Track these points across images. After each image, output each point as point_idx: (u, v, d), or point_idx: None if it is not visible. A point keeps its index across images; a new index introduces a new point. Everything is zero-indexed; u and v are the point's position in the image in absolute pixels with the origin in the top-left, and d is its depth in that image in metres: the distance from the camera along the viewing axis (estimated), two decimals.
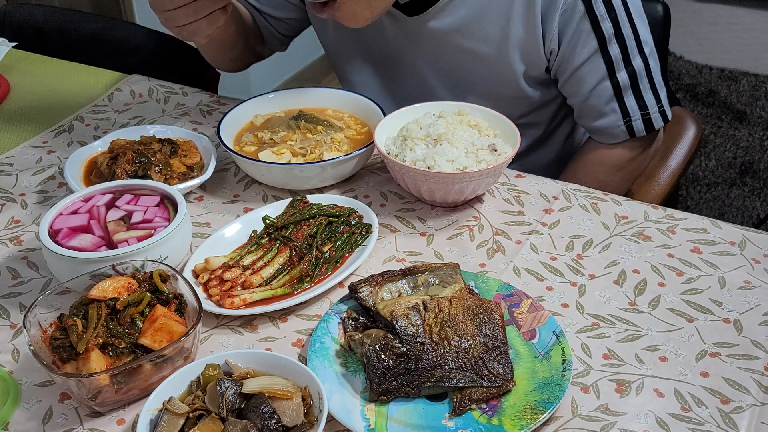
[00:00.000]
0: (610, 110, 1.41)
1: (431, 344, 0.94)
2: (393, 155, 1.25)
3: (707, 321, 1.05)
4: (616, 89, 1.39)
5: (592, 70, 1.38)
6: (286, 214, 1.20)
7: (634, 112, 1.41)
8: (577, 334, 1.04)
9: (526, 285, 1.11)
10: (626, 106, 1.41)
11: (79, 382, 0.89)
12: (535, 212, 1.26)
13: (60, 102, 1.61)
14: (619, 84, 1.38)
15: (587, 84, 1.40)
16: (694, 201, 2.95)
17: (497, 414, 0.91)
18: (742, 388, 0.96)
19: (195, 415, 0.86)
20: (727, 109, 3.38)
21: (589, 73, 1.38)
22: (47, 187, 1.35)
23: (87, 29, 1.97)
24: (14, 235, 1.24)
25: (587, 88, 1.40)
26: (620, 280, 1.12)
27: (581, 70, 1.38)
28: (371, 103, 1.40)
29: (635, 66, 1.38)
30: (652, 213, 1.25)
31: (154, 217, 1.12)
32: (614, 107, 1.41)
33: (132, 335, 0.94)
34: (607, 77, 1.38)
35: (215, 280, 1.09)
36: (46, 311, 0.97)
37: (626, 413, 0.93)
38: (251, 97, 1.45)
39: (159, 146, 1.31)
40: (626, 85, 1.39)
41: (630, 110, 1.41)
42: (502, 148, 1.24)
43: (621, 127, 1.43)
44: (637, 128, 1.42)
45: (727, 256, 1.16)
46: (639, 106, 1.41)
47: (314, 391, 0.88)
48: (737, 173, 3.05)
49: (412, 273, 1.06)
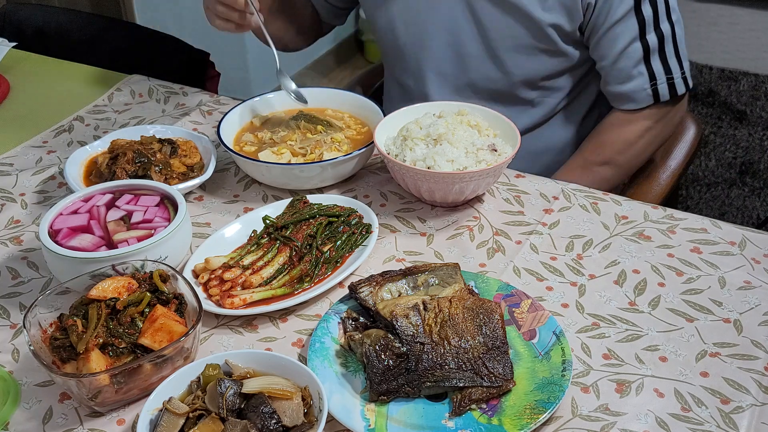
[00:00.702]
0: (637, 73, 1.46)
1: (431, 344, 0.94)
2: (393, 155, 1.25)
3: (707, 321, 1.05)
4: (645, 50, 1.45)
5: (626, 30, 1.43)
6: (286, 214, 1.20)
7: (659, 76, 1.46)
8: (577, 334, 1.04)
9: (526, 285, 1.11)
10: (653, 69, 1.46)
11: (79, 382, 0.89)
12: (535, 212, 1.26)
13: (60, 102, 1.61)
14: (649, 45, 1.44)
15: (619, 43, 1.44)
16: (694, 201, 2.94)
17: (497, 414, 0.91)
18: (742, 388, 0.96)
19: (195, 415, 0.86)
20: (727, 109, 3.38)
21: (622, 32, 1.43)
22: (47, 187, 1.35)
23: (87, 29, 1.97)
24: (14, 235, 1.24)
25: (619, 47, 1.45)
26: (620, 280, 1.12)
27: (615, 28, 1.43)
28: (371, 103, 1.40)
29: (663, 30, 1.44)
30: (652, 213, 1.25)
31: (154, 217, 1.12)
32: (641, 70, 1.46)
33: (132, 335, 0.94)
34: (638, 38, 1.44)
35: (215, 280, 1.09)
36: (46, 311, 0.97)
37: (626, 413, 0.93)
38: (251, 97, 1.44)
39: (159, 146, 1.31)
40: (654, 47, 1.44)
41: (656, 73, 1.46)
42: (502, 148, 1.24)
43: (647, 91, 1.47)
44: (661, 92, 1.47)
45: (727, 256, 1.16)
46: (664, 70, 1.46)
47: (314, 391, 0.88)
48: (737, 173, 3.05)
49: (412, 273, 1.06)
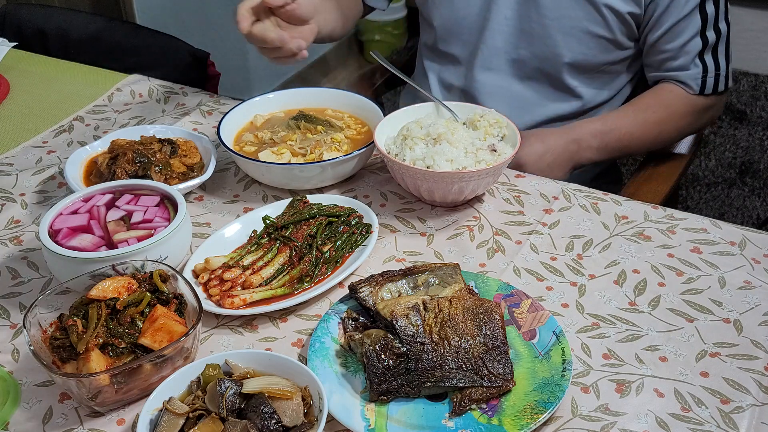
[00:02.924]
0: (693, 65, 1.52)
1: (431, 344, 0.94)
2: (393, 155, 1.25)
3: (707, 321, 1.05)
4: (704, 46, 1.50)
5: (690, 25, 1.49)
6: (286, 214, 1.20)
7: (710, 70, 1.51)
8: (577, 334, 1.04)
9: (526, 285, 1.11)
10: (705, 63, 1.51)
11: (79, 382, 0.89)
12: (535, 212, 1.26)
13: (60, 102, 1.61)
14: (708, 41, 1.49)
15: (683, 37, 1.49)
16: (694, 201, 2.94)
17: (497, 414, 0.91)
18: (742, 388, 0.96)
19: (195, 415, 0.86)
20: (727, 109, 3.38)
21: (686, 27, 1.48)
22: (47, 187, 1.35)
23: (87, 29, 1.97)
24: (14, 235, 1.24)
25: (682, 41, 1.49)
26: (620, 280, 1.12)
27: (681, 23, 1.48)
28: (371, 103, 1.40)
29: (721, 28, 1.49)
30: (652, 213, 1.25)
31: (154, 217, 1.12)
32: (696, 62, 1.51)
33: (132, 335, 0.94)
34: (699, 34, 1.48)
35: (215, 280, 1.09)
36: (46, 311, 0.97)
37: (626, 413, 0.93)
38: (251, 97, 1.45)
39: (159, 146, 1.31)
40: (712, 43, 1.50)
41: (708, 67, 1.51)
42: (501, 148, 1.24)
43: (697, 81, 1.52)
44: (708, 84, 1.52)
45: (727, 256, 1.16)
46: (714, 66, 1.52)
47: (314, 391, 0.88)
48: (737, 173, 3.05)
49: (412, 273, 1.06)
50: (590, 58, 1.54)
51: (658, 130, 1.55)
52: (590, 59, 1.54)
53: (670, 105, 1.54)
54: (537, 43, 1.54)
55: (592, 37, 1.51)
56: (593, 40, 1.51)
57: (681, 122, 1.56)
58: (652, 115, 1.54)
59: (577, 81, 1.57)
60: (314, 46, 1.95)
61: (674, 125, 1.56)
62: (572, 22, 1.50)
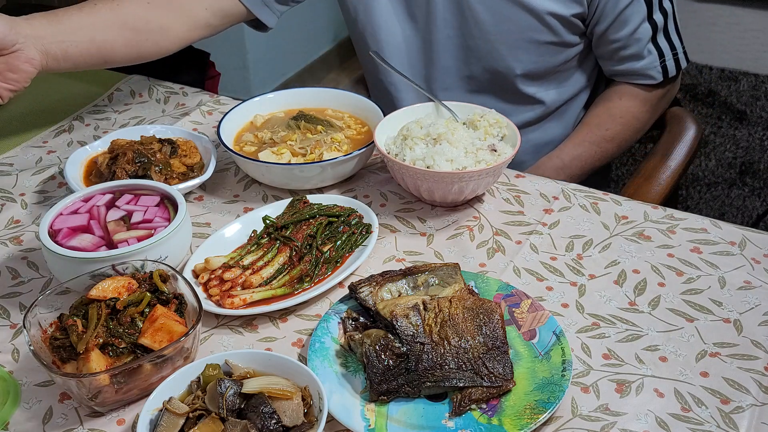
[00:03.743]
0: (647, 52, 1.49)
1: (431, 344, 0.94)
2: (393, 155, 1.25)
3: (707, 321, 1.05)
4: (653, 29, 1.48)
5: (635, 12, 1.46)
6: (286, 214, 1.20)
7: (666, 52, 1.50)
8: (577, 334, 1.04)
9: (526, 285, 1.11)
10: (660, 47, 1.50)
11: (79, 382, 0.89)
12: (535, 212, 1.26)
13: (60, 102, 1.61)
14: (657, 24, 1.47)
15: (630, 25, 1.46)
16: (694, 201, 2.94)
17: (497, 414, 0.91)
18: (742, 388, 0.96)
19: (195, 415, 0.86)
20: (727, 109, 3.38)
21: (632, 14, 1.46)
22: (47, 187, 1.35)
23: None
24: (14, 235, 1.24)
25: (630, 29, 1.47)
26: (620, 280, 1.12)
27: (626, 11, 1.45)
28: (371, 103, 1.40)
29: (665, 7, 1.47)
30: (652, 213, 1.25)
31: (154, 217, 1.12)
32: (650, 48, 1.49)
33: (132, 335, 0.94)
34: (646, 18, 1.46)
35: (215, 280, 1.09)
36: (46, 311, 0.97)
37: (626, 413, 0.93)
38: (251, 97, 1.45)
39: (159, 146, 1.31)
40: (661, 25, 1.48)
41: (663, 50, 1.50)
42: (501, 148, 1.24)
43: (657, 68, 1.51)
44: (669, 68, 1.51)
45: (727, 256, 1.16)
46: (669, 47, 1.50)
47: (314, 391, 0.88)
48: (737, 173, 3.05)
49: (412, 273, 1.06)
50: (541, 65, 1.52)
51: (617, 143, 1.56)
52: (541, 66, 1.52)
53: (622, 116, 1.54)
54: (485, 58, 1.52)
55: (539, 44, 1.49)
56: (541, 47, 1.50)
57: (638, 124, 1.56)
58: (607, 132, 1.54)
59: (534, 88, 1.56)
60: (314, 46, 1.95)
61: (632, 130, 1.56)
62: (516, 34, 1.48)
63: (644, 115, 1.56)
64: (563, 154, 1.54)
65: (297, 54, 3.63)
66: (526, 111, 1.59)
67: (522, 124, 1.59)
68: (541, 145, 1.63)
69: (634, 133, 1.57)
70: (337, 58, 3.95)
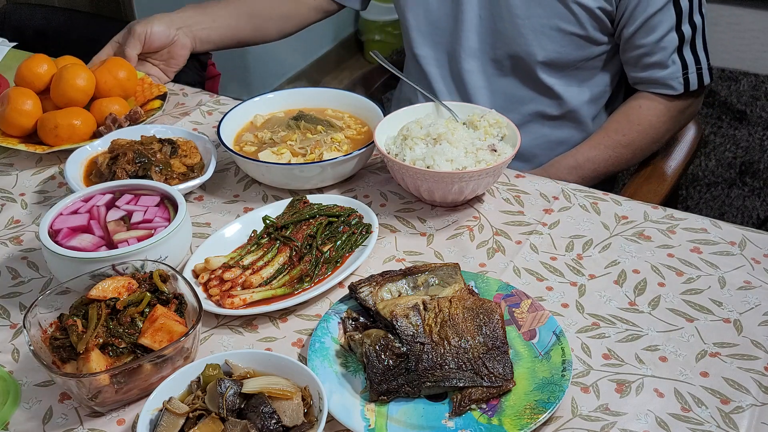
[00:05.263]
0: (671, 62, 1.50)
1: (431, 344, 0.94)
2: (393, 155, 1.25)
3: (707, 321, 1.05)
4: (680, 40, 1.48)
5: (664, 20, 1.46)
6: (286, 214, 1.20)
7: (690, 65, 1.50)
8: (577, 334, 1.04)
9: (526, 285, 1.11)
10: (684, 59, 1.50)
11: (79, 382, 0.89)
12: (535, 212, 1.26)
13: None
14: (684, 36, 1.48)
15: (658, 32, 1.47)
16: (694, 201, 2.94)
17: (497, 414, 0.91)
18: (742, 388, 0.96)
19: (195, 415, 0.86)
20: (727, 109, 3.38)
21: (660, 22, 1.47)
22: (47, 187, 1.35)
23: (87, 29, 1.97)
24: (14, 235, 1.24)
25: (657, 36, 1.48)
26: (620, 280, 1.12)
27: (655, 18, 1.46)
28: (371, 103, 1.40)
29: (696, 21, 1.48)
30: (652, 213, 1.25)
31: (154, 217, 1.12)
32: (675, 59, 1.50)
33: (132, 335, 0.94)
34: (674, 28, 1.47)
35: (215, 280, 1.09)
36: (46, 311, 0.97)
37: (626, 413, 0.93)
38: (251, 97, 1.45)
39: (159, 146, 1.31)
40: (688, 37, 1.48)
41: (688, 63, 1.50)
42: (501, 148, 1.24)
43: (679, 79, 1.51)
44: (692, 81, 1.51)
45: (727, 256, 1.16)
46: (694, 60, 1.51)
47: (314, 391, 0.88)
48: (737, 173, 3.05)
49: (412, 273, 1.06)
50: (564, 56, 1.54)
51: (632, 150, 1.56)
52: (564, 57, 1.54)
53: (640, 123, 1.54)
54: (510, 42, 1.55)
55: (564, 34, 1.51)
56: (565, 38, 1.51)
57: (655, 133, 1.56)
58: (623, 138, 1.54)
59: (554, 79, 1.57)
60: (314, 46, 1.95)
61: (648, 139, 1.56)
62: (543, 20, 1.50)
63: (662, 125, 1.56)
64: (578, 155, 1.56)
65: (297, 54, 3.63)
66: (543, 102, 1.61)
67: (538, 114, 1.61)
68: (555, 143, 1.64)
69: (651, 142, 1.57)
70: (337, 58, 3.95)
